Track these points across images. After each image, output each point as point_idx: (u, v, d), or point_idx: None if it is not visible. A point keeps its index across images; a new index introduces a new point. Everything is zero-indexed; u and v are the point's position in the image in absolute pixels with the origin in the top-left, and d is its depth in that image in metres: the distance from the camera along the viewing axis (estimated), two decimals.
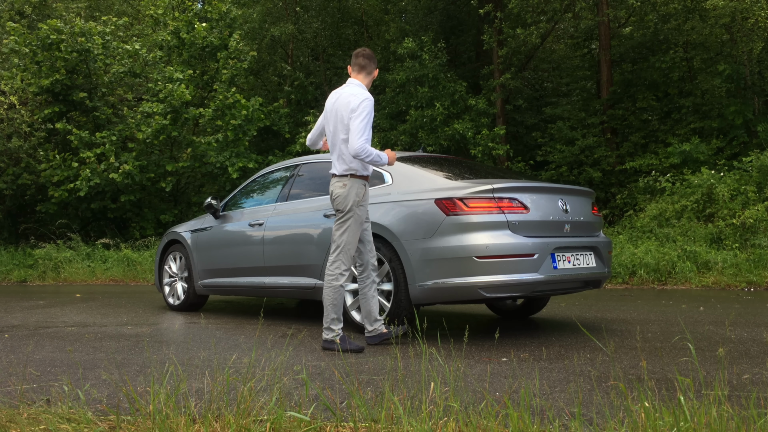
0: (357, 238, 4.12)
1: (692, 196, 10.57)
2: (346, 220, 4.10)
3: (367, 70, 4.26)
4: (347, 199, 4.09)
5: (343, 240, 4.09)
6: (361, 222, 4.12)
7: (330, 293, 4.09)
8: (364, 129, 4.06)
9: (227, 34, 14.69)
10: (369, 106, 4.10)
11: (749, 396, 2.73)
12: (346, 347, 4.02)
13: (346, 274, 4.10)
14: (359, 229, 4.12)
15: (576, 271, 4.51)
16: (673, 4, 14.35)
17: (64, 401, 2.67)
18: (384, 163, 4.13)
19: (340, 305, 4.11)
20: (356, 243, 4.12)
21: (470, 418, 2.35)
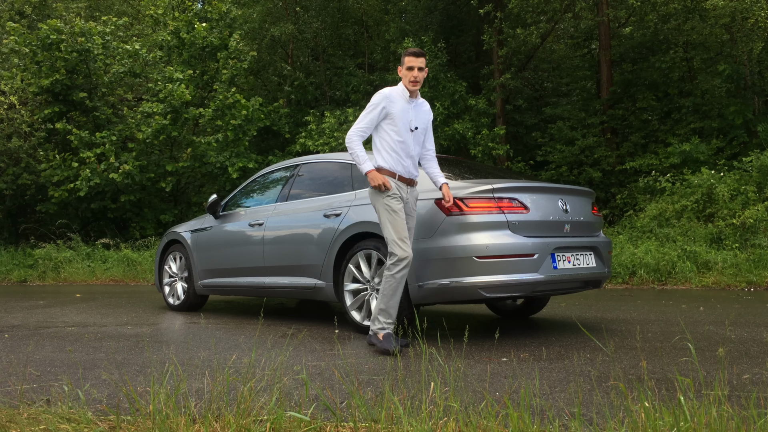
0: (398, 226, 3.99)
1: (692, 196, 10.57)
2: (378, 215, 4.11)
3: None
4: (372, 193, 4.12)
5: (385, 234, 4.04)
6: (392, 210, 4.01)
7: (384, 282, 4.01)
8: (362, 119, 4.17)
9: (227, 34, 14.69)
10: (375, 99, 4.15)
11: (749, 396, 2.73)
12: (384, 346, 3.90)
13: (400, 263, 3.96)
14: (396, 218, 4.00)
15: (576, 271, 4.51)
16: (673, 4, 14.35)
17: (64, 401, 2.67)
18: (362, 170, 4.10)
19: (389, 295, 3.97)
20: (401, 230, 3.99)
21: (470, 418, 2.35)
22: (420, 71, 4.16)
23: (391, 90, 4.20)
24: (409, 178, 4.19)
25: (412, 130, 4.20)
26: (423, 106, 4.34)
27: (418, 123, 4.24)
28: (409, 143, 4.18)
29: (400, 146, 4.15)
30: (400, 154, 4.15)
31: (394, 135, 4.14)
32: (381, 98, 4.15)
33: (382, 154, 4.17)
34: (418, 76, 4.15)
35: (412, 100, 4.25)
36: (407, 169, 4.18)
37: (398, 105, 4.16)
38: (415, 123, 4.22)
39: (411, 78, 4.15)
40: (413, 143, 4.21)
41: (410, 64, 4.14)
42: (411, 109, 4.22)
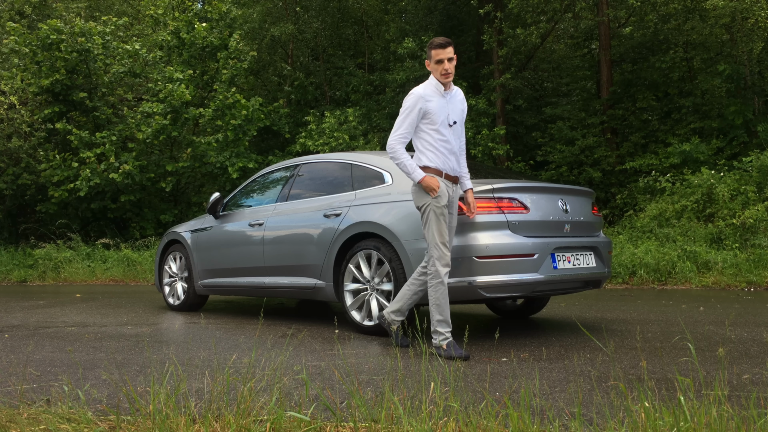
0: (442, 230, 3.90)
1: (692, 196, 10.57)
2: (422, 216, 3.98)
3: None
4: (417, 194, 3.98)
5: (428, 237, 3.93)
6: (438, 214, 3.90)
7: (431, 292, 3.91)
8: (400, 124, 4.00)
9: (227, 34, 14.69)
10: (410, 101, 3.99)
11: (749, 396, 2.73)
12: (450, 354, 3.79)
13: (444, 268, 3.88)
14: (441, 221, 3.90)
15: (576, 271, 4.51)
16: (673, 4, 14.34)
17: (64, 401, 2.67)
18: (413, 178, 3.93)
19: (443, 304, 3.88)
20: (444, 234, 3.90)
21: (470, 418, 2.35)
22: (450, 62, 3.96)
23: (424, 87, 4.02)
24: (454, 176, 4.04)
25: (451, 125, 4.02)
26: (457, 97, 4.13)
27: (456, 116, 4.07)
28: (450, 139, 4.01)
29: (443, 144, 3.99)
30: (443, 152, 3.98)
31: (434, 133, 3.98)
32: (416, 99, 3.97)
33: (426, 154, 3.99)
34: (449, 67, 3.96)
35: (447, 92, 4.04)
36: (452, 167, 4.02)
37: (434, 102, 3.98)
38: (453, 117, 4.04)
39: (442, 71, 3.96)
40: (454, 138, 4.05)
41: (439, 57, 3.96)
42: (447, 103, 4.03)
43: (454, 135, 4.04)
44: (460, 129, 4.12)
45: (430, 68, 4.03)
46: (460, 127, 4.11)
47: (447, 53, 3.96)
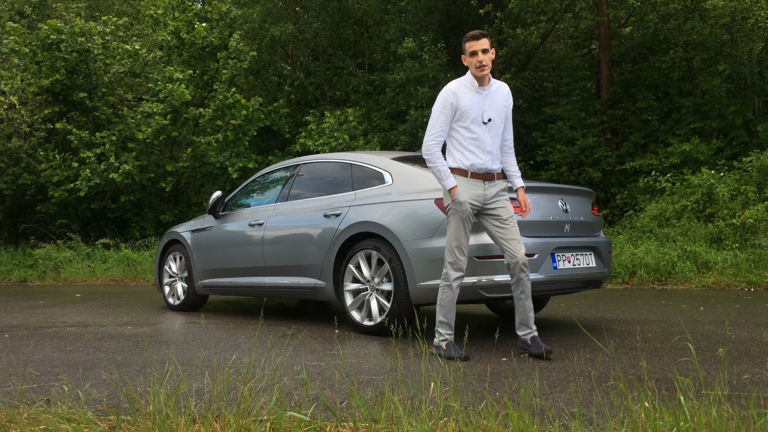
0: (459, 234, 3.80)
1: (692, 196, 10.56)
2: (447, 217, 3.90)
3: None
4: (445, 196, 3.89)
5: (446, 238, 3.87)
6: (463, 219, 3.79)
7: (438, 293, 3.89)
8: (433, 123, 3.88)
9: (227, 34, 14.69)
10: (440, 98, 3.87)
11: (749, 396, 2.73)
12: (449, 354, 3.77)
13: (455, 273, 3.81)
14: (458, 225, 3.80)
15: (576, 271, 4.51)
16: (673, 4, 14.34)
17: (64, 401, 2.67)
18: (444, 185, 3.84)
19: (447, 306, 3.85)
20: (460, 238, 3.80)
21: (470, 418, 2.35)
22: (485, 53, 3.75)
23: (457, 83, 3.87)
24: (485, 173, 3.85)
25: (485, 122, 3.83)
26: (499, 92, 3.91)
27: (493, 113, 3.86)
28: (483, 138, 3.84)
29: (473, 142, 3.83)
30: (473, 151, 3.83)
31: (464, 131, 3.83)
32: (446, 95, 3.83)
33: (454, 154, 3.88)
34: (483, 59, 3.75)
35: (483, 88, 3.85)
36: (483, 164, 3.83)
37: (467, 98, 3.82)
38: (489, 114, 3.84)
39: (476, 64, 3.76)
40: (489, 137, 3.85)
41: (472, 49, 3.77)
42: (482, 99, 3.84)
43: (490, 133, 3.86)
44: (500, 126, 3.91)
45: (466, 63, 3.86)
46: (500, 123, 3.91)
47: (481, 44, 3.76)
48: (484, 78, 3.84)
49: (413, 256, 4.35)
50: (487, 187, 3.88)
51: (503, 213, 3.87)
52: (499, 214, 3.87)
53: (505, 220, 3.86)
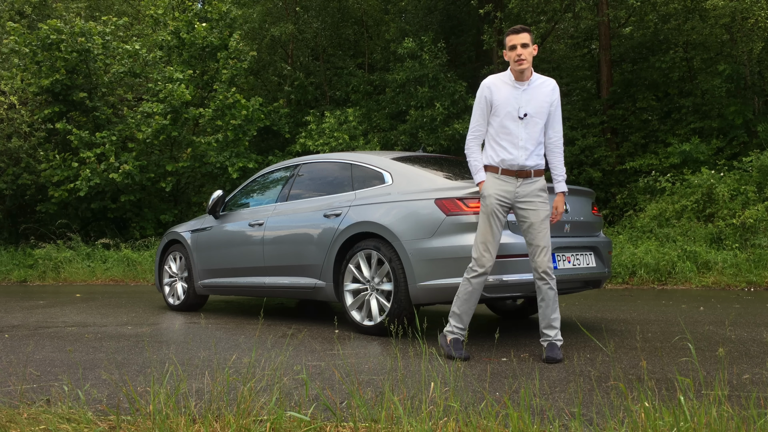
0: (485, 230, 3.76)
1: (692, 196, 10.56)
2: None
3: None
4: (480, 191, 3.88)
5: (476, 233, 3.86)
6: (488, 214, 3.76)
7: (460, 286, 3.85)
8: (472, 118, 3.87)
9: (227, 34, 14.69)
10: (478, 92, 3.85)
11: (749, 396, 2.73)
12: (449, 353, 3.75)
13: (476, 268, 3.76)
14: (485, 221, 3.77)
15: (576, 271, 4.51)
16: (673, 4, 14.34)
17: (64, 401, 2.67)
18: (474, 180, 3.87)
19: (462, 299, 3.81)
20: (486, 234, 3.75)
21: (470, 418, 2.35)
22: (524, 48, 3.70)
23: (494, 77, 3.84)
24: (518, 170, 3.75)
25: (521, 117, 3.74)
26: (540, 88, 3.81)
27: (531, 108, 3.75)
28: (517, 133, 3.75)
29: (506, 138, 3.76)
30: (504, 146, 3.76)
31: (498, 127, 3.78)
32: (481, 90, 3.81)
33: (486, 149, 3.85)
34: (522, 53, 3.70)
35: (522, 83, 3.77)
36: (514, 160, 3.74)
37: (502, 92, 3.77)
38: (526, 109, 3.74)
39: (515, 58, 3.71)
40: (525, 132, 3.75)
41: (512, 43, 3.72)
42: (520, 93, 3.76)
43: (526, 128, 3.75)
44: (539, 121, 3.78)
45: (506, 58, 3.80)
46: (539, 119, 3.78)
47: (521, 39, 3.72)
48: (524, 72, 3.77)
49: (413, 256, 4.35)
50: (520, 184, 3.77)
51: (532, 216, 3.77)
52: (527, 216, 3.78)
53: (533, 224, 3.76)
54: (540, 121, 3.80)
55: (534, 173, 3.78)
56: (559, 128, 3.86)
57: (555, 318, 3.79)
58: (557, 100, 3.84)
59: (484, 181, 3.81)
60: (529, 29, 3.77)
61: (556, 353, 3.69)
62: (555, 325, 3.78)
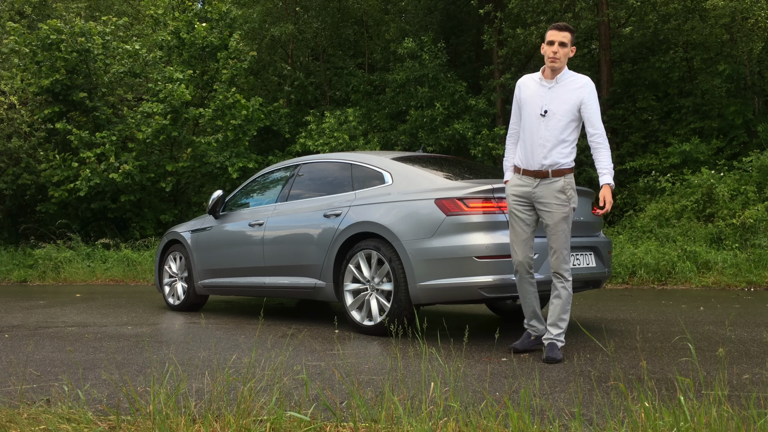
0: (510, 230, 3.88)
1: (692, 196, 10.56)
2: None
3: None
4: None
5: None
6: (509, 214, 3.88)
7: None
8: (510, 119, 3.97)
9: (227, 34, 14.69)
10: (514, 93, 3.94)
11: (749, 396, 2.73)
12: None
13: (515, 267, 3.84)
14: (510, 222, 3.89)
15: (576, 271, 4.51)
16: (673, 4, 14.34)
17: (64, 401, 2.67)
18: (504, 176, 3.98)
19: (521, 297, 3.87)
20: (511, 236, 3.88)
21: (470, 418, 2.35)
22: (562, 47, 3.67)
23: (528, 75, 3.87)
24: (536, 170, 3.72)
25: (542, 114, 3.71)
26: (568, 86, 3.74)
27: (553, 106, 3.71)
28: (537, 131, 3.72)
29: (527, 136, 3.77)
30: (527, 146, 3.76)
31: (524, 125, 3.80)
32: (515, 88, 3.87)
33: (516, 150, 3.88)
34: (557, 51, 3.67)
35: (549, 81, 3.75)
36: (535, 160, 3.72)
37: (528, 90, 3.79)
38: (548, 106, 3.71)
39: (549, 54, 3.69)
40: (546, 130, 3.71)
41: (550, 39, 3.69)
42: (546, 91, 3.74)
43: (547, 126, 3.71)
44: (560, 119, 3.71)
45: (542, 51, 3.76)
46: (562, 117, 3.71)
47: (561, 36, 3.68)
48: (555, 71, 3.74)
49: (413, 256, 4.35)
50: (537, 184, 3.75)
51: (547, 218, 3.75)
52: (543, 218, 3.77)
53: (549, 226, 3.75)
54: (562, 119, 3.72)
55: (552, 173, 3.72)
56: (598, 125, 3.73)
57: (563, 319, 3.78)
58: (588, 96, 3.72)
59: (508, 180, 3.90)
60: (572, 29, 3.75)
61: (556, 353, 3.69)
62: (561, 325, 3.78)
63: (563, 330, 3.78)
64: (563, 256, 3.74)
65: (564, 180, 3.73)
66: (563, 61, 3.72)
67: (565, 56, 3.72)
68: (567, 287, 3.77)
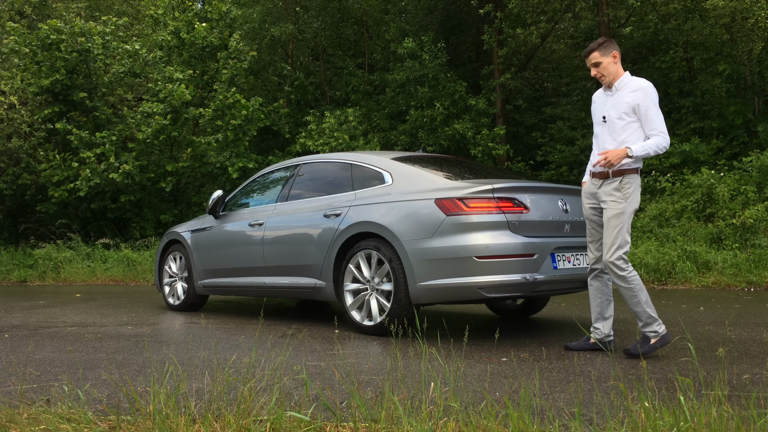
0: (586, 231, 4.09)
1: (692, 196, 10.57)
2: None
3: None
4: None
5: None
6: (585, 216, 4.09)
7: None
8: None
9: (227, 34, 14.69)
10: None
11: (749, 396, 2.73)
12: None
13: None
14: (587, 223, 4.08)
15: (576, 271, 4.51)
16: (673, 4, 14.35)
17: (64, 401, 2.67)
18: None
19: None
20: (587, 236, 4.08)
21: (470, 418, 2.35)
22: (596, 66, 3.94)
23: (600, 89, 4.11)
24: (599, 172, 3.90)
25: (604, 120, 3.94)
26: (624, 91, 3.90)
27: (611, 112, 3.90)
28: (601, 136, 3.96)
29: (595, 141, 4.03)
30: (594, 150, 4.01)
31: (594, 131, 4.08)
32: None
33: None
34: (596, 73, 3.96)
35: (609, 91, 3.96)
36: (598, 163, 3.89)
37: (597, 100, 4.05)
38: (607, 113, 3.92)
39: (595, 76, 3.98)
40: (607, 134, 3.91)
41: (588, 66, 4.03)
42: (607, 99, 3.95)
43: (608, 131, 3.91)
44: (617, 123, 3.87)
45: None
46: (618, 121, 3.86)
47: (589, 61, 3.98)
48: (608, 84, 3.96)
49: (413, 256, 4.35)
50: (600, 185, 3.92)
51: (603, 214, 3.92)
52: (603, 215, 3.94)
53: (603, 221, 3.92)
54: (618, 122, 3.88)
55: (613, 174, 3.86)
56: (654, 125, 3.79)
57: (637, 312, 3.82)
58: (642, 98, 3.81)
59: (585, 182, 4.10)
60: (593, 48, 3.96)
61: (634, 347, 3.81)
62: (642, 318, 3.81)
63: (644, 321, 3.80)
64: (614, 250, 3.81)
65: (623, 179, 3.85)
66: (608, 74, 3.93)
67: (606, 69, 3.92)
68: (622, 282, 3.81)
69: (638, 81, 3.90)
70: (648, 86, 3.85)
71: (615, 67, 3.92)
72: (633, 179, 3.85)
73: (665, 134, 3.80)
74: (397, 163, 4.96)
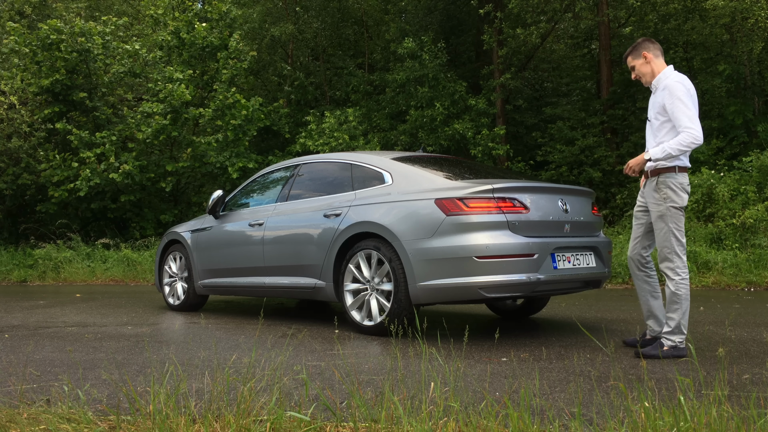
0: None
1: (692, 196, 10.57)
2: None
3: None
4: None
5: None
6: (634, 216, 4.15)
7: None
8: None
9: (227, 34, 14.69)
10: None
11: (749, 396, 2.73)
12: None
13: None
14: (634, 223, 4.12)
15: (576, 271, 4.51)
16: (673, 4, 14.35)
17: (64, 401, 2.67)
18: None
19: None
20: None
21: (470, 418, 2.35)
22: (634, 70, 4.02)
23: None
24: (645, 172, 3.95)
25: (649, 120, 3.99)
26: (658, 89, 3.92)
27: (651, 113, 3.97)
28: (647, 136, 4.03)
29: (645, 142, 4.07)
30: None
31: None
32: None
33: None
34: (634, 75, 4.04)
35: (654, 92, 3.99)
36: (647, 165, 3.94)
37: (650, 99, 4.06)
38: (649, 114, 4.00)
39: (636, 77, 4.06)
40: (651, 134, 3.96)
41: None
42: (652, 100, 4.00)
43: (651, 131, 3.96)
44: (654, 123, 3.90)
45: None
46: (655, 121, 3.90)
47: (628, 64, 4.05)
48: (649, 84, 3.99)
49: (413, 256, 4.35)
50: (645, 184, 4.01)
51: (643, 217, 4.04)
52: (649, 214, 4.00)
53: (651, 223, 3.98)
54: (654, 122, 3.93)
55: (651, 173, 3.90)
56: (679, 122, 3.73)
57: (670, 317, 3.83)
58: (668, 98, 3.79)
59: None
60: (626, 54, 4.05)
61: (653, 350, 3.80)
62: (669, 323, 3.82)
63: (671, 328, 3.78)
64: (664, 255, 3.83)
65: (659, 179, 3.85)
66: (644, 75, 3.98)
67: (640, 71, 3.98)
68: (671, 285, 3.80)
69: (666, 79, 3.87)
70: (672, 84, 3.80)
71: (648, 67, 3.96)
72: (670, 178, 3.81)
73: (692, 129, 3.70)
74: (397, 163, 4.96)
